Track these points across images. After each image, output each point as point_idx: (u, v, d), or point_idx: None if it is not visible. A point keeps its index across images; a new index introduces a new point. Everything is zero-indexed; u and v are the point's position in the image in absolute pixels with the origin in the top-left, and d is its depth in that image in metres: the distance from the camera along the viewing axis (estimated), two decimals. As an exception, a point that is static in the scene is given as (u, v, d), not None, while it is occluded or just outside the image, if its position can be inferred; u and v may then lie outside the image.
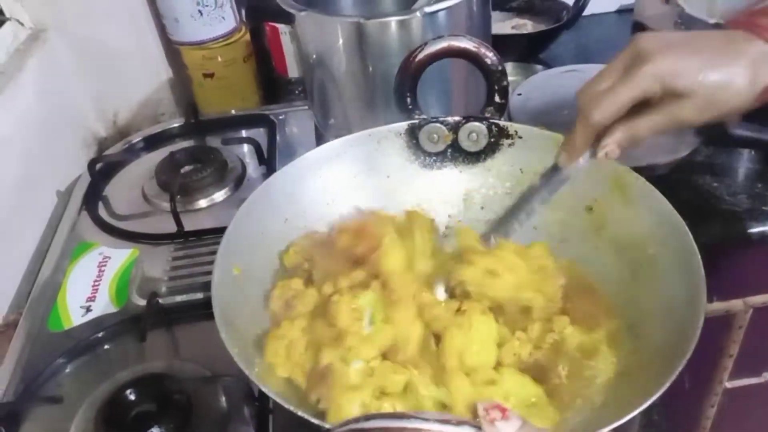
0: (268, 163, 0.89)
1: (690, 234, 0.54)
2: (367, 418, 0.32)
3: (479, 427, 0.30)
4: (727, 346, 0.89)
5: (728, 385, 0.93)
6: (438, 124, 0.66)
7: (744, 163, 0.82)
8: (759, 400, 0.97)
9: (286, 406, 0.44)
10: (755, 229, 0.75)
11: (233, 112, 1.01)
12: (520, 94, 0.89)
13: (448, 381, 0.50)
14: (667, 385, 0.43)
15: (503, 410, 0.31)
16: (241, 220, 0.59)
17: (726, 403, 0.95)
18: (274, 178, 0.63)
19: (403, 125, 0.67)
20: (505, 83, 0.64)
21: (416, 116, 0.67)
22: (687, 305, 0.50)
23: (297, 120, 0.99)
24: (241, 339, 0.51)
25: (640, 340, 0.52)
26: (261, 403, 0.59)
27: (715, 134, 0.77)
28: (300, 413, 0.43)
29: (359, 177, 0.67)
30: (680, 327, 0.48)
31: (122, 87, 1.03)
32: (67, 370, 0.65)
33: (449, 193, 0.68)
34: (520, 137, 0.65)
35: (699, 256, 0.52)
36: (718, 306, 0.83)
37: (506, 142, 0.66)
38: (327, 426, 0.41)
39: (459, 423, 0.30)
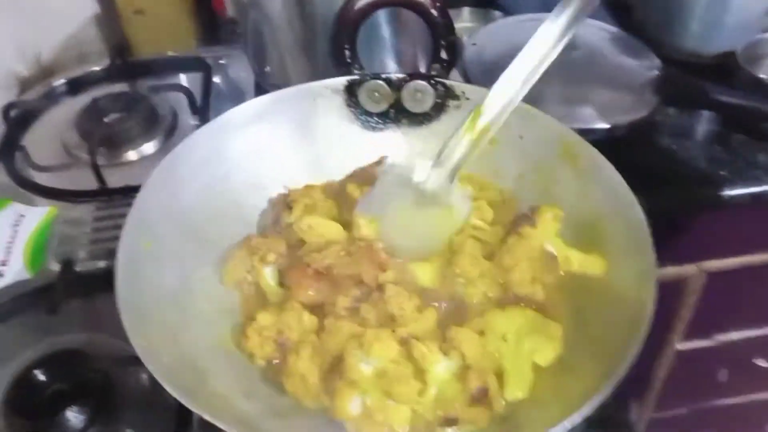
0: (202, 112, 0.82)
1: (641, 210, 0.50)
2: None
3: None
4: (680, 310, 0.88)
5: (679, 347, 0.93)
6: (380, 82, 0.60)
7: (703, 124, 0.79)
8: (709, 362, 0.98)
9: (189, 405, 0.40)
10: (712, 193, 0.72)
11: (169, 54, 0.93)
12: (474, 44, 0.83)
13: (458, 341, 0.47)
14: (619, 376, 0.40)
15: None
16: (155, 186, 0.53)
17: (677, 365, 0.95)
18: (194, 138, 0.57)
19: (342, 81, 0.61)
20: (452, 38, 0.58)
21: (356, 71, 0.61)
22: (637, 285, 0.47)
23: (237, 64, 0.90)
24: (149, 324, 0.46)
25: (587, 327, 0.49)
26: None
27: (675, 95, 0.74)
28: (201, 413, 0.39)
29: (292, 137, 0.61)
30: (628, 312, 0.45)
31: (45, 23, 0.93)
32: (-29, 347, 0.60)
33: (392, 156, 0.62)
34: (468, 98, 0.60)
35: (650, 234, 0.48)
36: (672, 271, 0.82)
37: (453, 103, 0.61)
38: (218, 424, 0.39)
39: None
